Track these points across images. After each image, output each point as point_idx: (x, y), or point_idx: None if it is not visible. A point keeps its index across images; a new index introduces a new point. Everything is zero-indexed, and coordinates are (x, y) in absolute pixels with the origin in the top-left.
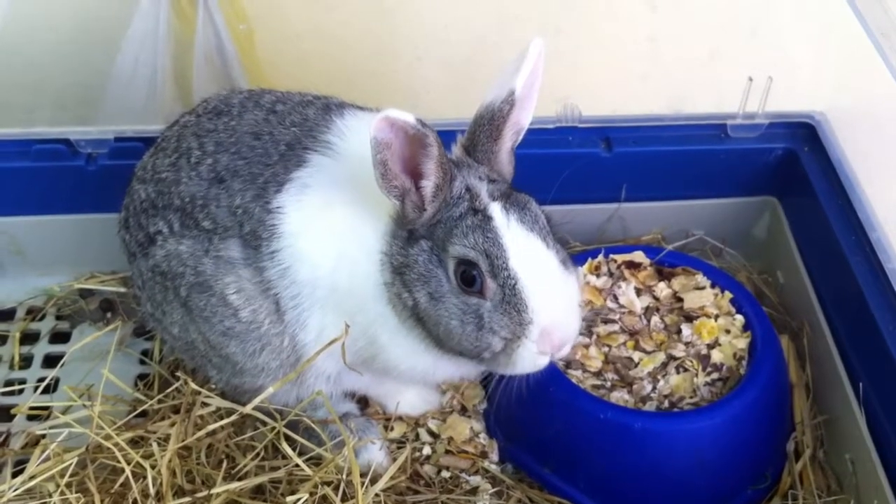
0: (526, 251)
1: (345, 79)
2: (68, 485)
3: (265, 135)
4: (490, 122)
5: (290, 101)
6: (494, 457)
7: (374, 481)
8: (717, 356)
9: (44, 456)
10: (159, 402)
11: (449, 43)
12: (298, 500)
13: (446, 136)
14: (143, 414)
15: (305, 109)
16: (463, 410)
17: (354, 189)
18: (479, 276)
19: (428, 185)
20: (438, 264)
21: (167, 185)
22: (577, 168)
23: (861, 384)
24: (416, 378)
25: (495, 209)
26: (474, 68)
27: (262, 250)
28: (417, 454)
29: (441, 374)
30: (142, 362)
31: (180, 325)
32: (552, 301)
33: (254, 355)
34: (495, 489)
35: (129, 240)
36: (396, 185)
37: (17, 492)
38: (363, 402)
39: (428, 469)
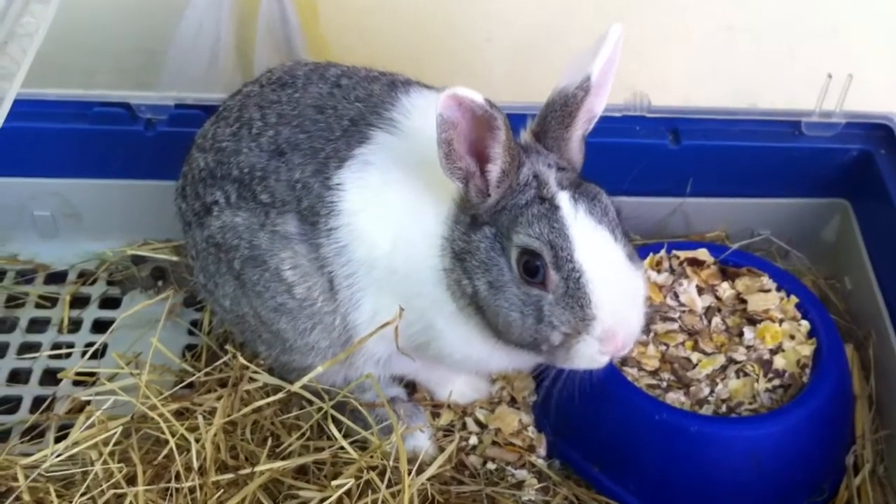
0: (593, 244)
1: (409, 57)
2: (111, 454)
3: (329, 109)
4: (563, 108)
5: (355, 76)
6: (542, 451)
7: (419, 469)
8: (779, 362)
9: (88, 423)
10: (206, 374)
11: (517, 26)
12: (344, 484)
13: (512, 120)
14: (190, 385)
15: (371, 85)
16: (512, 402)
17: (418, 169)
18: (542, 267)
19: (494, 169)
20: (501, 252)
21: (227, 155)
22: (643, 159)
23: None
24: (469, 367)
25: (563, 198)
26: (540, 54)
27: (320, 227)
28: (464, 444)
29: (495, 364)
30: (190, 333)
31: (232, 298)
32: (617, 298)
33: (304, 333)
34: (541, 484)
35: (185, 209)
36: (461, 167)
37: (60, 458)
38: (411, 387)
39: (473, 460)
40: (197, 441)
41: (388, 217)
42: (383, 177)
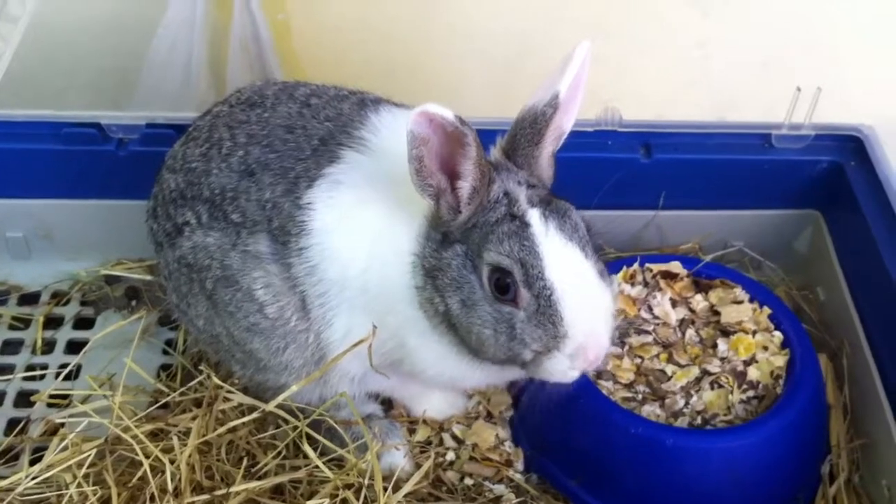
0: (563, 261)
1: (383, 74)
2: (85, 476)
3: (298, 129)
4: (532, 126)
5: (324, 95)
6: (520, 466)
7: (395, 486)
8: (753, 373)
9: (62, 445)
10: (181, 394)
11: (493, 42)
12: (318, 503)
13: (487, 136)
14: (165, 406)
15: (340, 104)
16: (489, 416)
17: (388, 187)
18: (513, 284)
19: (465, 186)
20: (472, 270)
21: (197, 176)
22: (615, 173)
23: None
24: (443, 383)
25: (534, 216)
26: (517, 68)
27: (291, 246)
28: (441, 459)
29: (469, 379)
30: (165, 353)
31: (205, 319)
32: (588, 315)
33: (277, 352)
34: (519, 499)
35: (156, 229)
36: (432, 184)
37: (35, 481)
38: (387, 403)
39: (451, 475)
40: (172, 462)
41: (361, 236)
42: (354, 196)
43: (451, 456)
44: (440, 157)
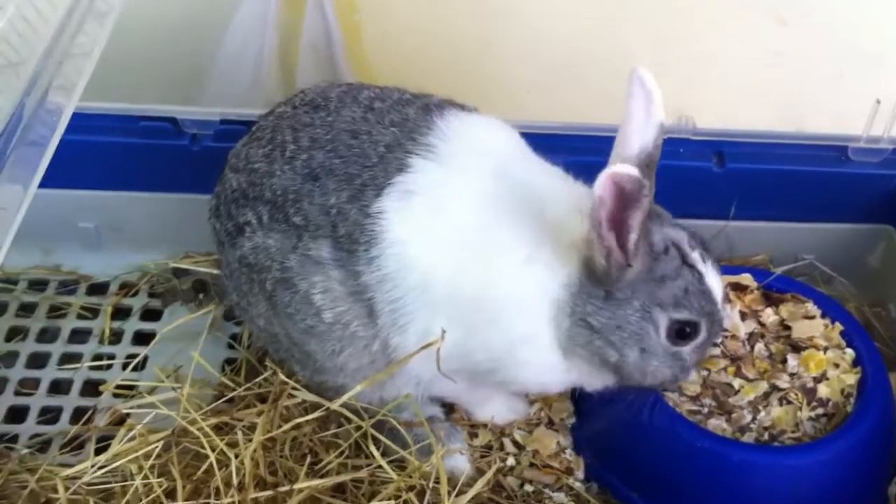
0: (720, 289)
1: (450, 77)
2: (151, 468)
3: (363, 134)
4: (648, 166)
5: (388, 99)
6: (580, 474)
7: (457, 489)
8: (823, 391)
9: (129, 436)
10: (246, 389)
11: (556, 46)
12: None
13: (546, 141)
14: (230, 400)
15: (405, 108)
16: (550, 423)
17: (476, 200)
18: (695, 331)
19: (633, 238)
20: (648, 320)
21: (259, 177)
22: (687, 181)
23: None
24: (534, 391)
25: (698, 260)
26: (577, 73)
27: (360, 254)
28: (501, 465)
29: (563, 387)
30: (230, 347)
31: (265, 318)
32: None
33: (333, 355)
34: None
35: (218, 228)
36: (606, 245)
37: (101, 471)
38: (448, 407)
39: (511, 481)
40: (236, 457)
41: (445, 246)
42: (429, 205)
43: (511, 461)
44: (612, 215)
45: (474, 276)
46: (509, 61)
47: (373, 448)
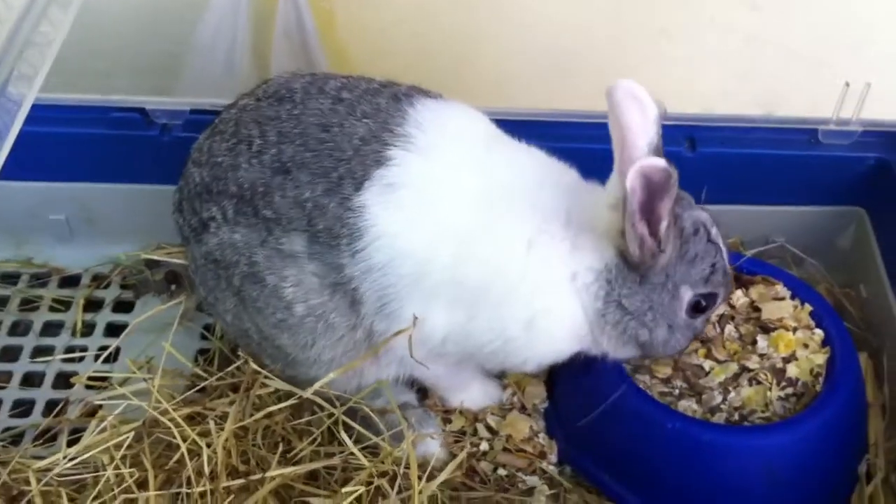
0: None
1: (432, 65)
2: (122, 458)
3: (334, 126)
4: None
5: (356, 89)
6: (553, 458)
7: (429, 475)
8: (792, 371)
9: (100, 427)
10: (218, 379)
11: (541, 35)
12: (354, 491)
13: (536, 129)
14: (202, 390)
15: (375, 98)
16: (523, 408)
17: (468, 188)
18: (711, 302)
19: (664, 226)
20: (675, 298)
21: (223, 171)
22: None
23: None
24: (541, 363)
25: (718, 237)
26: (564, 63)
27: (342, 248)
28: (474, 450)
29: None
30: (203, 337)
31: (233, 314)
32: None
33: (306, 347)
34: (552, 491)
35: (182, 224)
36: (638, 234)
37: (73, 462)
38: (423, 392)
39: (484, 466)
40: (208, 446)
41: (441, 235)
42: (417, 197)
43: (484, 446)
44: (642, 205)
45: (478, 263)
46: (496, 49)
47: (344, 435)
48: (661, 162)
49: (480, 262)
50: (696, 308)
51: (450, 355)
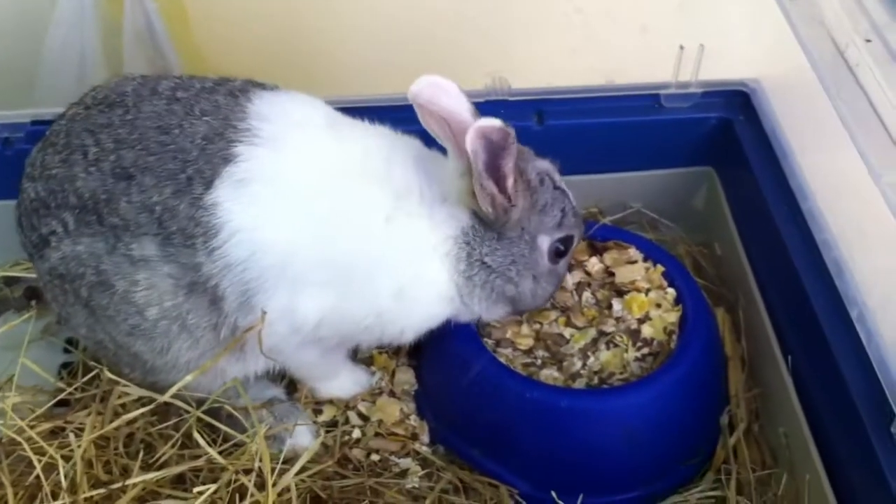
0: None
1: (287, 60)
2: None
3: (174, 128)
4: None
5: (192, 88)
6: (425, 438)
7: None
8: (647, 331)
9: None
10: (81, 391)
11: (377, 21)
12: (206, 489)
13: (374, 114)
14: (66, 403)
15: (213, 96)
16: (392, 393)
17: (318, 173)
18: (569, 245)
19: (510, 182)
20: (535, 248)
21: (59, 183)
22: None
23: (791, 357)
24: (417, 330)
25: (561, 182)
26: (406, 46)
27: (197, 247)
28: (347, 438)
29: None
30: (66, 351)
31: (87, 326)
32: None
33: (162, 352)
34: (425, 471)
35: (24, 241)
36: (488, 193)
37: None
38: (291, 386)
39: (357, 453)
40: (68, 460)
41: (299, 224)
42: (270, 189)
43: (357, 433)
44: (487, 164)
45: (341, 244)
46: (342, 37)
47: (198, 437)
48: (496, 121)
49: (343, 242)
50: (557, 253)
51: (325, 340)
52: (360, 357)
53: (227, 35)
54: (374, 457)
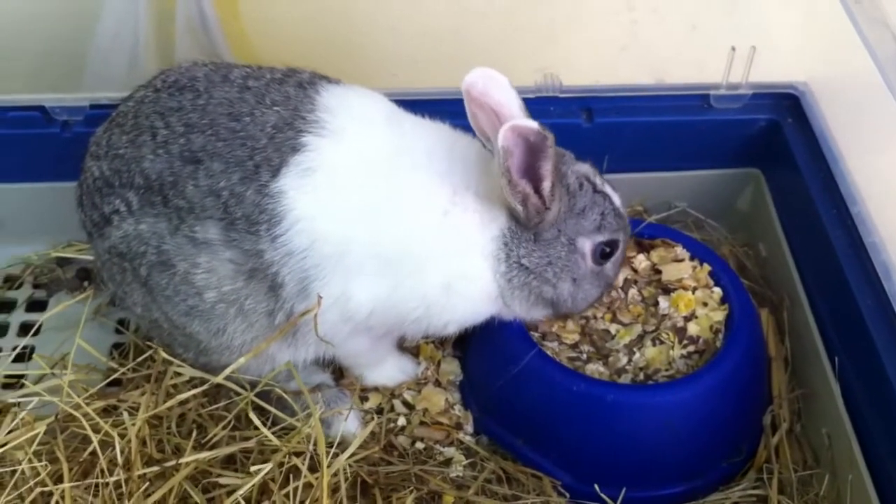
0: (623, 207)
1: (337, 52)
2: (37, 453)
3: (245, 116)
4: None
5: (262, 78)
6: (469, 428)
7: (332, 451)
8: (693, 329)
9: (13, 424)
10: (133, 371)
11: (425, 19)
12: (262, 468)
13: (437, 106)
14: (118, 383)
15: (283, 87)
16: (437, 382)
17: (379, 166)
18: (614, 247)
19: (546, 185)
20: (575, 251)
21: (125, 163)
22: (558, 138)
23: (837, 358)
24: (462, 325)
25: (605, 185)
26: (456, 40)
27: (261, 234)
28: (392, 425)
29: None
30: (117, 331)
31: (142, 306)
32: None
33: (218, 334)
34: (469, 461)
35: (84, 219)
36: (520, 191)
37: None
38: (339, 372)
39: (402, 440)
40: (122, 437)
41: (357, 215)
42: (332, 180)
43: (402, 421)
44: (523, 165)
45: (396, 236)
46: (388, 29)
47: (254, 417)
48: (533, 123)
49: (398, 234)
50: (603, 255)
51: (375, 328)
52: (406, 346)
53: (276, 23)
54: (419, 445)
